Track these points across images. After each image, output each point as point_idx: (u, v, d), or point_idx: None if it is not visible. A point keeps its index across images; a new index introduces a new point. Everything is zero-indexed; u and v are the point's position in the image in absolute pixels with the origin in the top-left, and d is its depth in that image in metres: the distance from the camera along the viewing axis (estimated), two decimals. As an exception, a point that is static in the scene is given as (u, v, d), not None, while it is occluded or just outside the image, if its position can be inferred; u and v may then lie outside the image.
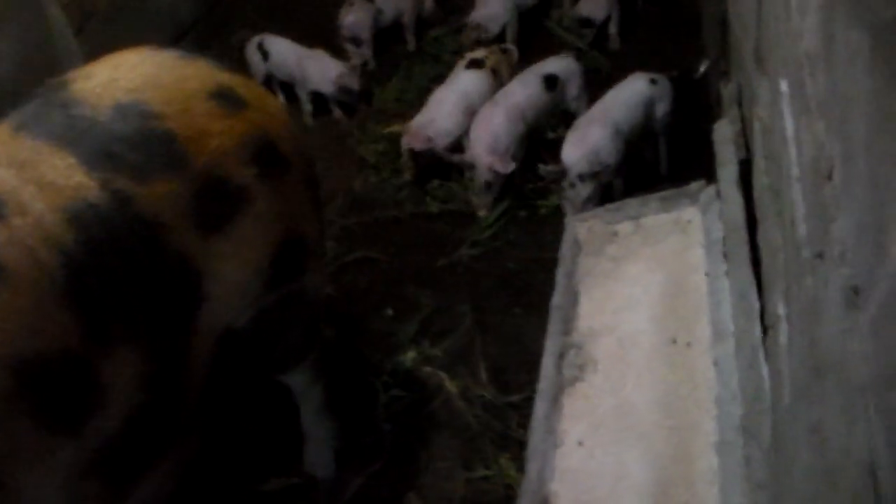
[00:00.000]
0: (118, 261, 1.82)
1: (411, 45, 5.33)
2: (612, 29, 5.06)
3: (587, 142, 3.62)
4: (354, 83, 4.74)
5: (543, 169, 3.69)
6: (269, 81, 4.86)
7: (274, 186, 2.14)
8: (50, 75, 2.17)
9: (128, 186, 1.85)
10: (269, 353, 2.49)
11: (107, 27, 4.68)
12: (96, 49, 4.23)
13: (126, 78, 2.01)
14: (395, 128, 4.31)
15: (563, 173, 3.60)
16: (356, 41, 5.20)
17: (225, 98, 2.10)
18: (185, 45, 5.27)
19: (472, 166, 3.93)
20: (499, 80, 4.31)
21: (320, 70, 4.76)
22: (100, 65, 2.10)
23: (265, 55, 4.86)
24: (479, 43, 4.89)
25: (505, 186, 3.94)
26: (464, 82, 4.27)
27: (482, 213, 3.91)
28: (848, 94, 1.00)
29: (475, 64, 4.37)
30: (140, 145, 1.91)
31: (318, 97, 4.83)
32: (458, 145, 4.12)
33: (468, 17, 5.09)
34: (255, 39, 4.94)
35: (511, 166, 3.83)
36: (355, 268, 3.72)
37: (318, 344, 2.64)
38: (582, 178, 3.55)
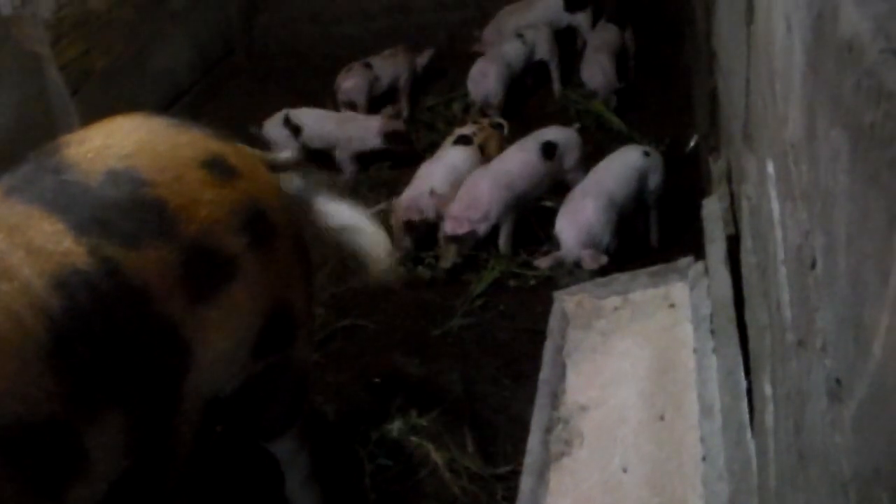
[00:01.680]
0: (105, 327, 1.81)
1: (405, 111, 5.40)
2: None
3: (580, 218, 3.64)
4: (401, 125, 4.85)
5: (539, 262, 3.71)
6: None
7: (264, 256, 2.15)
8: (46, 135, 2.18)
9: (117, 253, 1.85)
10: (256, 422, 2.48)
11: (104, 89, 4.73)
12: (93, 110, 4.30)
13: (119, 144, 2.02)
14: (381, 205, 4.31)
15: (559, 263, 3.61)
16: (352, 105, 5.27)
17: (217, 167, 2.11)
18: (182, 108, 5.32)
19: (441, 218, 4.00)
20: (487, 156, 4.34)
21: (362, 128, 4.83)
22: (93, 130, 2.11)
23: (296, 129, 4.83)
24: (481, 114, 4.99)
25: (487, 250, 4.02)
26: (451, 158, 4.30)
27: (445, 265, 3.98)
28: (829, 189, 1.01)
29: (463, 140, 4.41)
30: (130, 212, 1.91)
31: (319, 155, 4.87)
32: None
33: (470, 92, 5.19)
34: (278, 116, 4.90)
35: (463, 229, 3.91)
36: (343, 335, 3.72)
37: (305, 412, 2.62)
38: (579, 264, 3.55)
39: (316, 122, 4.88)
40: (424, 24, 5.96)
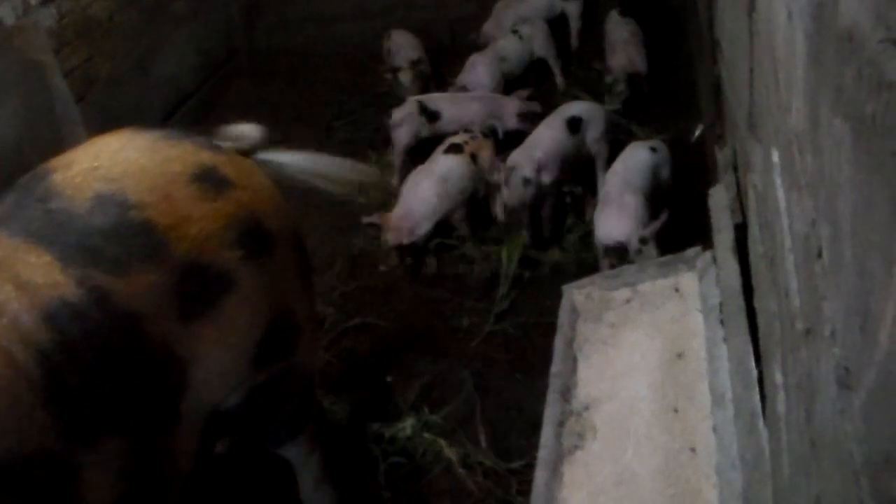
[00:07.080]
0: (97, 357, 1.80)
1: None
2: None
3: (628, 211, 3.62)
4: (536, 106, 4.86)
5: (603, 250, 3.70)
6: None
7: (260, 266, 2.11)
8: (52, 142, 2.17)
9: (105, 281, 1.83)
10: (263, 430, 2.46)
11: (108, 95, 4.74)
12: (98, 116, 4.32)
13: (106, 166, 1.98)
14: (373, 219, 4.29)
15: (623, 248, 3.61)
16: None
17: (208, 180, 2.07)
18: (187, 111, 5.34)
19: (511, 169, 3.99)
20: (480, 164, 4.32)
21: (500, 107, 4.86)
22: (81, 152, 2.07)
23: (432, 116, 4.74)
24: None
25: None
26: (441, 167, 4.26)
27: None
28: (833, 178, 1.01)
29: (454, 149, 4.36)
30: (118, 237, 1.88)
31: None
32: (442, 226, 4.17)
33: (459, 82, 5.19)
34: (409, 103, 4.78)
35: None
36: (354, 334, 3.73)
37: (313, 416, 2.62)
38: (644, 241, 3.54)
39: (455, 104, 4.79)
40: (425, 21, 5.97)
